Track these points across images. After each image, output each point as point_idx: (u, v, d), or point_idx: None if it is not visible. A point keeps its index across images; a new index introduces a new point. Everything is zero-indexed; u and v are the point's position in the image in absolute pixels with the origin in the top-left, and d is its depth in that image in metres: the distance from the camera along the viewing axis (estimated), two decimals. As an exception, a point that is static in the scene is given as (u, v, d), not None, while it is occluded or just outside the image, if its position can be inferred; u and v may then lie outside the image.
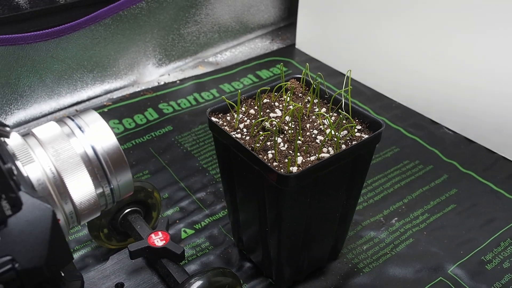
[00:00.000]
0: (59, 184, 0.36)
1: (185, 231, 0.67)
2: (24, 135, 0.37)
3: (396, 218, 0.68)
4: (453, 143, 0.80)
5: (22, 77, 0.78)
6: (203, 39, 1.01)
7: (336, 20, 0.96)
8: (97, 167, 0.37)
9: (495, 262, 0.61)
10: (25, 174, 0.34)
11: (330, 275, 0.60)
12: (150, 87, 0.94)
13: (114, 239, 0.63)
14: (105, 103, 0.89)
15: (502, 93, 0.74)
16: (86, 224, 0.63)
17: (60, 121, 0.38)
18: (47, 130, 0.37)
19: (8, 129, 0.31)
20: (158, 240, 0.56)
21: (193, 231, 0.67)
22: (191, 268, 0.62)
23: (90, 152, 0.37)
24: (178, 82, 0.96)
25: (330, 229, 0.58)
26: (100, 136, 0.37)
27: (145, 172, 0.75)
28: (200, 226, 0.67)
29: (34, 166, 0.35)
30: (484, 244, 0.64)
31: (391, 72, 0.90)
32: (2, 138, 0.33)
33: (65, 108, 0.87)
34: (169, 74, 0.99)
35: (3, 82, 0.78)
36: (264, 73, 0.99)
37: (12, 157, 0.34)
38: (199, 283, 0.50)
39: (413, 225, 0.67)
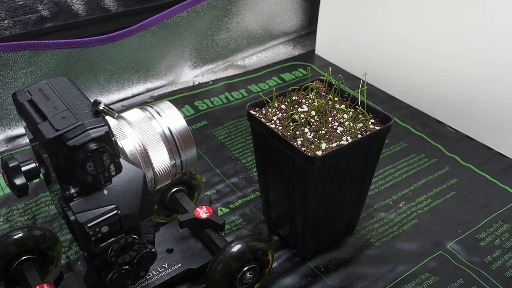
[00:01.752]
0: (145, 155, 0.47)
1: (221, 210, 0.78)
2: (116, 118, 0.48)
3: (403, 202, 0.78)
4: (455, 140, 0.90)
5: (80, 75, 0.90)
6: (233, 45, 1.12)
7: (352, 30, 1.07)
8: (172, 144, 0.49)
9: (487, 240, 0.72)
10: (121, 146, 0.46)
11: (346, 247, 0.71)
12: (186, 86, 1.06)
13: (162, 214, 0.73)
14: (147, 100, 1.01)
15: (500, 96, 0.84)
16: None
17: (141, 108, 0.50)
18: (134, 114, 0.48)
19: (114, 111, 0.43)
20: (202, 212, 0.66)
21: (228, 210, 0.78)
22: (228, 239, 0.72)
23: (167, 132, 0.48)
24: (210, 82, 1.07)
25: (346, 207, 0.68)
26: (173, 119, 0.49)
27: (185, 159, 0.86)
28: (234, 206, 0.78)
29: (127, 141, 0.46)
30: (479, 225, 0.74)
31: (401, 77, 1.00)
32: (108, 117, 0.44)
33: (113, 103, 0.99)
34: (202, 75, 1.10)
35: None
36: (287, 76, 1.10)
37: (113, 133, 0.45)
38: (238, 246, 0.60)
39: (418, 208, 0.77)
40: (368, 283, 0.66)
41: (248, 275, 0.61)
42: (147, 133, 0.46)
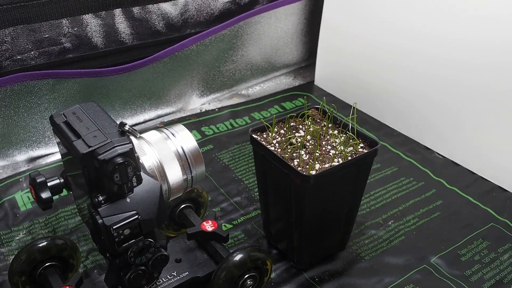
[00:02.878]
0: (161, 170, 0.55)
1: (225, 226, 0.84)
2: (137, 138, 0.56)
3: (392, 221, 0.85)
4: (441, 165, 0.98)
5: (98, 101, 0.96)
6: (238, 75, 1.20)
7: (348, 63, 1.15)
8: (184, 161, 0.56)
9: (468, 256, 0.78)
10: (141, 162, 0.54)
11: (338, 261, 0.78)
12: (194, 113, 1.14)
13: (171, 228, 0.79)
14: (157, 125, 1.09)
15: (483, 126, 0.91)
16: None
17: (158, 129, 0.58)
18: (152, 135, 0.56)
19: (137, 132, 0.50)
20: (208, 226, 0.73)
21: (231, 226, 0.85)
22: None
23: (180, 151, 0.56)
24: (216, 110, 1.16)
25: (339, 223, 0.75)
26: (186, 140, 0.57)
27: (192, 180, 0.93)
28: (236, 222, 0.85)
29: (146, 158, 0.54)
30: (461, 242, 0.80)
31: (392, 107, 1.07)
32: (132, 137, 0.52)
33: (126, 128, 1.07)
34: (209, 103, 1.18)
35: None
36: (288, 105, 1.18)
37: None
38: (240, 255, 0.66)
39: (405, 226, 0.84)
40: (358, 292, 0.73)
41: (249, 282, 0.67)
42: (163, 151, 0.54)
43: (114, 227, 0.49)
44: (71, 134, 0.50)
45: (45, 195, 0.60)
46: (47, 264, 0.67)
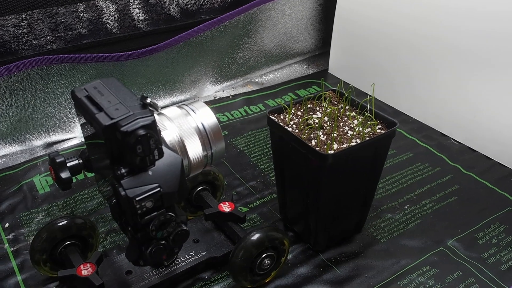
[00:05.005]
0: (182, 146, 0.55)
1: (241, 209, 0.85)
2: (157, 114, 0.56)
3: (408, 205, 0.85)
4: (458, 151, 0.97)
5: None
6: (252, 63, 1.21)
7: (363, 50, 1.15)
8: (204, 137, 0.56)
9: (485, 239, 0.78)
10: (162, 136, 0.54)
11: (355, 243, 0.78)
12: (208, 100, 1.14)
13: (188, 210, 0.80)
14: (172, 112, 1.09)
15: (500, 111, 0.91)
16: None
17: (178, 106, 0.58)
18: (172, 111, 0.56)
19: (158, 105, 0.50)
20: (225, 207, 0.73)
21: (247, 209, 0.85)
22: (247, 234, 0.80)
23: (200, 126, 0.56)
24: (230, 97, 1.16)
25: (355, 206, 0.75)
26: (206, 116, 0.57)
27: (207, 165, 0.94)
28: (252, 206, 0.85)
29: (167, 133, 0.54)
30: (478, 226, 0.80)
31: (408, 93, 1.07)
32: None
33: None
34: (223, 91, 1.18)
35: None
36: (302, 92, 1.18)
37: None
38: (258, 235, 0.66)
39: (421, 210, 0.84)
40: (374, 273, 0.72)
41: (266, 262, 0.67)
42: (183, 126, 0.54)
43: (136, 199, 0.49)
44: (93, 107, 0.51)
45: (64, 175, 0.60)
46: (67, 243, 0.68)
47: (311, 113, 0.74)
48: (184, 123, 0.55)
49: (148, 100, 0.50)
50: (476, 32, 0.91)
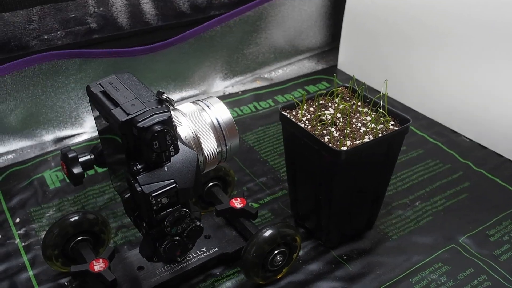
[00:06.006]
0: (197, 142, 0.55)
1: (252, 205, 0.85)
2: (172, 110, 0.56)
3: (419, 201, 0.85)
4: (468, 148, 0.97)
5: None
6: (261, 58, 1.20)
7: (372, 46, 1.15)
8: (219, 133, 0.56)
9: (497, 236, 0.78)
10: (177, 132, 0.54)
11: (366, 240, 0.78)
12: (217, 96, 1.14)
13: (199, 206, 0.80)
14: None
15: (511, 109, 0.91)
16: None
17: (193, 102, 0.58)
18: (187, 107, 0.56)
19: (173, 101, 0.50)
20: (237, 203, 0.73)
21: (258, 205, 0.85)
22: (258, 230, 0.79)
23: (215, 122, 0.56)
24: (240, 92, 1.16)
25: (367, 202, 0.75)
26: (221, 112, 0.57)
27: (218, 160, 0.94)
28: (263, 202, 0.85)
29: (182, 128, 0.54)
30: (489, 223, 0.80)
31: (418, 90, 1.07)
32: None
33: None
34: (232, 86, 1.18)
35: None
36: (311, 88, 1.18)
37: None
38: (270, 231, 0.66)
39: (432, 207, 0.83)
40: (386, 270, 0.72)
41: (278, 258, 0.67)
42: (199, 122, 0.54)
43: (152, 195, 0.49)
44: (109, 103, 0.50)
45: (76, 170, 0.60)
46: (79, 238, 0.68)
47: (323, 109, 0.73)
48: (199, 119, 0.55)
49: (165, 96, 0.50)
50: (489, 28, 0.90)
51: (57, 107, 0.96)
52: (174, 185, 0.50)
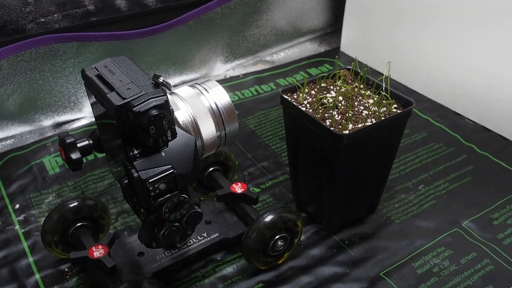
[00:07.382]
0: (195, 126, 0.54)
1: (252, 190, 0.84)
2: (169, 94, 0.55)
3: (422, 185, 0.83)
4: (472, 131, 0.96)
5: None
6: (263, 41, 1.19)
7: (376, 28, 1.13)
8: (218, 117, 0.55)
9: (500, 220, 0.77)
10: (175, 116, 0.53)
11: (368, 224, 0.77)
12: (218, 79, 1.12)
13: (199, 191, 0.80)
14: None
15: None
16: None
17: (191, 85, 0.57)
18: (185, 90, 0.55)
19: (170, 85, 0.49)
20: (238, 188, 0.72)
21: (259, 190, 0.84)
22: (259, 215, 0.79)
23: (214, 106, 0.55)
24: (241, 76, 1.14)
25: (369, 186, 0.74)
26: (219, 96, 0.55)
27: (218, 145, 0.93)
28: (264, 186, 0.84)
29: (180, 113, 0.53)
30: (493, 206, 0.79)
31: (422, 72, 1.05)
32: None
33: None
34: (233, 70, 1.17)
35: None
36: (313, 71, 1.17)
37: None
38: (271, 216, 0.65)
39: (436, 191, 0.82)
40: (389, 254, 0.71)
41: (279, 243, 0.67)
42: (197, 106, 0.53)
43: (150, 181, 0.48)
44: (104, 87, 0.49)
45: (75, 155, 0.59)
46: (78, 224, 0.67)
47: (325, 92, 0.72)
48: (197, 103, 0.53)
49: (161, 79, 0.49)
50: (495, 10, 0.88)
51: (55, 91, 0.94)
52: (172, 170, 0.49)
